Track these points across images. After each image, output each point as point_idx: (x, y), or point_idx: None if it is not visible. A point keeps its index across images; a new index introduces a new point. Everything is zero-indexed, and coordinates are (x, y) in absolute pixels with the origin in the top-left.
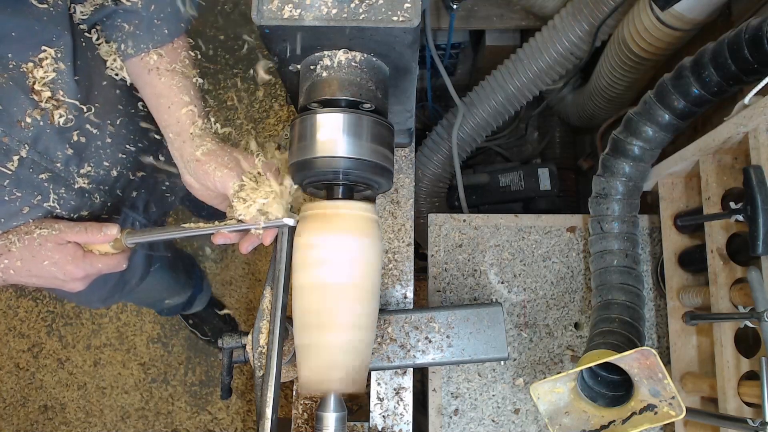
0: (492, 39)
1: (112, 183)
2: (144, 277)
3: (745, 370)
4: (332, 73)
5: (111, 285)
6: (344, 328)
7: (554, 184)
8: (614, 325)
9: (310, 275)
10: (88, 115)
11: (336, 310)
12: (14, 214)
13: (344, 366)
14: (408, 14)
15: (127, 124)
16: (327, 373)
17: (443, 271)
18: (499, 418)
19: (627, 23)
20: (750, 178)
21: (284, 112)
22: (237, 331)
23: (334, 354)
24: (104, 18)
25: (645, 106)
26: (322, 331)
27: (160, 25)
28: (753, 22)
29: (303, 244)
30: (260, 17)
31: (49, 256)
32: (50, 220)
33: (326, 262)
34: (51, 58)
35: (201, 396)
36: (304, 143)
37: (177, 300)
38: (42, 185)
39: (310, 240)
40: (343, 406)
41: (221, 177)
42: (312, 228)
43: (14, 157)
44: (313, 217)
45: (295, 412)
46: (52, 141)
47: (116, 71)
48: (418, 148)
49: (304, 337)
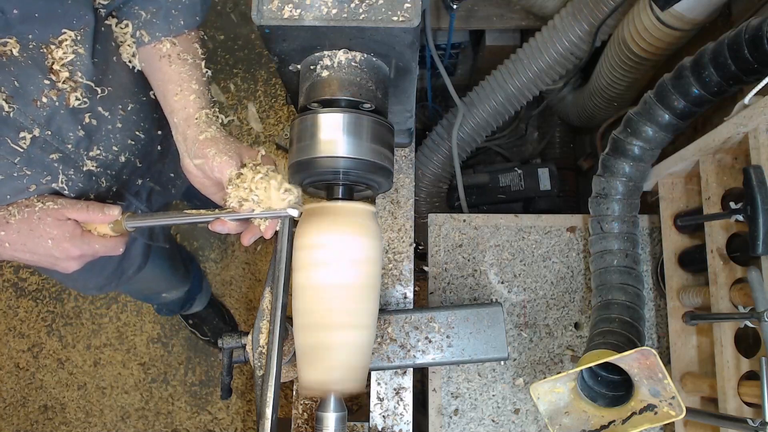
0: (492, 39)
1: (119, 168)
2: (142, 267)
3: (745, 370)
4: (332, 73)
5: (108, 272)
6: (344, 327)
7: (554, 184)
8: (614, 325)
9: (309, 275)
10: (102, 97)
11: (336, 310)
12: (21, 191)
13: (344, 366)
14: (408, 14)
15: (138, 111)
16: (327, 373)
17: (443, 271)
18: (499, 418)
19: (627, 23)
20: (750, 178)
21: (284, 112)
22: (237, 331)
23: (334, 354)
24: (122, 4)
25: (645, 106)
26: (322, 331)
27: (177, 15)
28: (753, 22)
29: (302, 244)
30: (260, 17)
31: (47, 231)
32: (52, 196)
33: (326, 262)
34: (71, 39)
35: (201, 396)
36: (304, 143)
37: (175, 294)
38: (52, 165)
39: (310, 240)
40: (343, 406)
41: (219, 163)
42: (312, 228)
43: (27, 136)
44: (312, 217)
45: (295, 412)
46: (65, 122)
47: (129, 58)
48: (418, 148)
49: (303, 337)
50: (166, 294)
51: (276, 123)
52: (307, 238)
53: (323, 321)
